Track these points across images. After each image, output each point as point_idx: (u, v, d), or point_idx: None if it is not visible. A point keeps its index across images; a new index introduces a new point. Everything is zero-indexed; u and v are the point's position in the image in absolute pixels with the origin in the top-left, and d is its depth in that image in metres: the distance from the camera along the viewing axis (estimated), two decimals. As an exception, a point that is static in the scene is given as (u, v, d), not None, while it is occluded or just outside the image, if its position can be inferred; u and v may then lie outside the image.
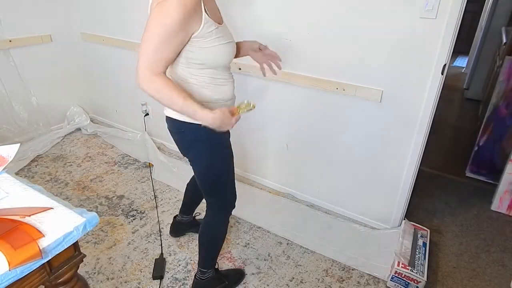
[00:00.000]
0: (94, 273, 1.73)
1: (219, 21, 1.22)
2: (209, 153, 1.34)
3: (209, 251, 1.56)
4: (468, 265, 1.86)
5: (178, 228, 1.97)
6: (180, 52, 1.15)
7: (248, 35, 2.06)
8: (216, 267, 1.66)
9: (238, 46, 1.45)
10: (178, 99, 1.11)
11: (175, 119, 1.28)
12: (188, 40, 1.12)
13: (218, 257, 1.64)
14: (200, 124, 1.19)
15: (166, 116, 1.34)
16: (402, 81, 1.69)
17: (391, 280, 1.69)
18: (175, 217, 1.96)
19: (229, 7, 2.04)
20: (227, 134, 1.40)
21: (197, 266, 1.60)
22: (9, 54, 2.67)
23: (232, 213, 1.54)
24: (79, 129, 3.19)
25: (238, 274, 1.73)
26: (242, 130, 2.36)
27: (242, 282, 1.70)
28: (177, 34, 1.06)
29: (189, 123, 1.25)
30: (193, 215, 1.98)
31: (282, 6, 1.87)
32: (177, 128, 1.32)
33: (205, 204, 1.51)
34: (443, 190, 2.53)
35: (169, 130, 1.38)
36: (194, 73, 1.20)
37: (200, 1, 1.08)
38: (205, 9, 1.11)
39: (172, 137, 1.40)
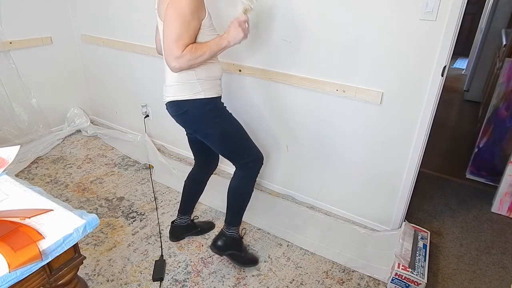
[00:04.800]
0: (94, 275, 1.73)
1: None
2: (217, 122, 1.52)
3: (236, 206, 1.69)
4: (468, 267, 1.86)
5: (177, 233, 1.95)
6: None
7: (248, 35, 2.06)
8: (243, 235, 1.80)
9: None
10: (204, 49, 1.36)
11: (177, 101, 1.47)
12: (200, 27, 1.37)
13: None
14: (200, 99, 1.45)
15: (167, 103, 1.52)
16: (402, 82, 1.70)
17: (391, 282, 1.69)
18: (172, 222, 1.95)
19: (228, 10, 2.05)
20: (223, 104, 1.61)
21: (224, 223, 1.72)
22: (9, 56, 2.67)
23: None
24: (79, 131, 3.19)
25: (254, 258, 1.82)
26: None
27: (243, 284, 1.70)
28: (192, 20, 1.31)
29: (192, 100, 1.45)
30: (192, 218, 1.97)
31: (282, 8, 1.88)
32: (180, 109, 1.49)
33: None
34: (443, 192, 2.53)
35: (173, 116, 1.55)
36: None
37: None
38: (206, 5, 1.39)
39: (177, 121, 1.56)
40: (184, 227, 1.94)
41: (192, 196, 1.91)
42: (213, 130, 1.52)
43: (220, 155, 1.70)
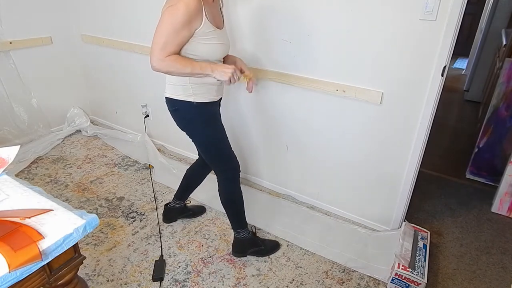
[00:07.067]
0: (94, 275, 1.73)
1: (218, 26, 1.50)
2: (203, 126, 1.60)
3: (233, 212, 1.80)
4: (468, 267, 1.86)
5: (171, 215, 2.08)
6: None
7: (249, 36, 2.06)
8: (254, 231, 1.92)
9: (229, 57, 1.71)
10: (187, 65, 1.38)
11: (171, 98, 1.55)
12: (191, 36, 1.39)
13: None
14: (189, 102, 1.52)
15: (165, 97, 1.59)
16: (402, 82, 1.69)
17: (391, 282, 1.69)
18: (166, 205, 2.07)
19: (227, 9, 2.05)
20: (216, 109, 1.68)
21: (232, 230, 1.84)
22: (9, 56, 2.67)
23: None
24: (79, 131, 3.19)
25: (274, 243, 1.92)
26: (242, 130, 2.36)
27: (243, 284, 1.70)
28: (182, 30, 1.34)
29: (182, 101, 1.53)
30: (185, 203, 2.08)
31: (282, 8, 1.88)
32: (172, 106, 1.58)
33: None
34: (443, 191, 2.53)
35: (169, 110, 1.61)
36: None
37: (201, 7, 1.36)
38: (205, 14, 1.38)
39: (171, 116, 1.62)
40: (177, 210, 2.07)
41: (190, 186, 2.01)
42: (197, 133, 1.62)
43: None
